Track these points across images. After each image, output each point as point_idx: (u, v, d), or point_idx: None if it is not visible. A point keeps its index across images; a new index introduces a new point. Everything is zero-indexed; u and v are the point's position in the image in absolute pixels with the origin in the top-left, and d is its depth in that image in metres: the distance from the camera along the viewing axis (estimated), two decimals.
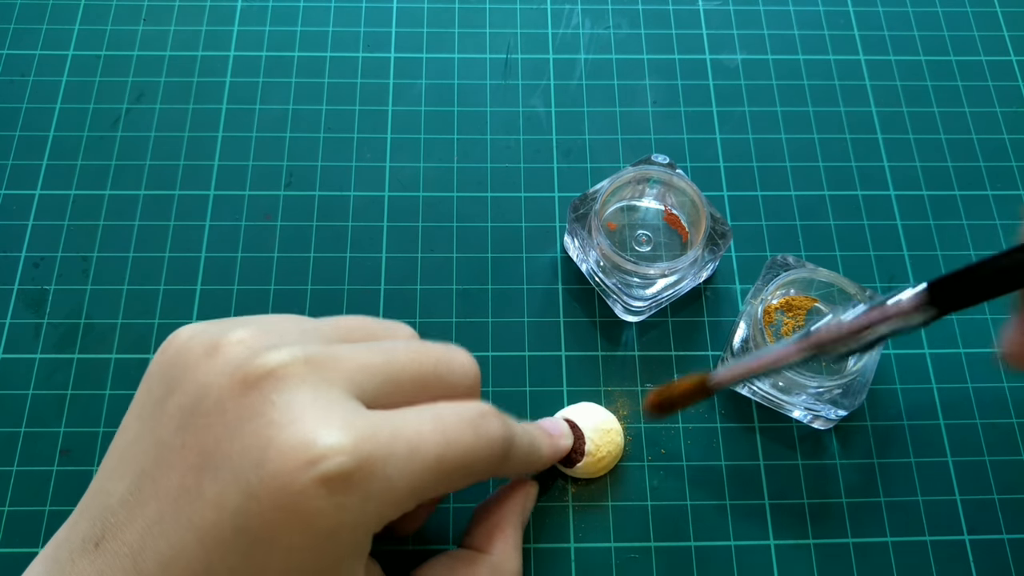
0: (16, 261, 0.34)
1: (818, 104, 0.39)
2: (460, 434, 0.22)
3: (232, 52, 0.39)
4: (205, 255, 0.34)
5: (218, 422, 0.20)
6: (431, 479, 0.21)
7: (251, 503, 0.19)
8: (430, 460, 0.21)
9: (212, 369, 0.21)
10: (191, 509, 0.20)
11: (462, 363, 0.24)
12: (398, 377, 0.22)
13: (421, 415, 0.22)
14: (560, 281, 0.34)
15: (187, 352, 0.22)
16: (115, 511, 0.21)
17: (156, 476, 0.21)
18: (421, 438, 0.21)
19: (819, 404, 0.30)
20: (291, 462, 0.19)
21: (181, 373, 0.22)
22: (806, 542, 0.30)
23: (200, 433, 0.20)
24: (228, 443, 0.20)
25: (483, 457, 0.22)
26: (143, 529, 0.20)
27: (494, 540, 0.26)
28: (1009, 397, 0.33)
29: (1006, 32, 0.41)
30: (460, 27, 0.40)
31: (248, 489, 0.19)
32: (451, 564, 0.25)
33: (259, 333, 0.22)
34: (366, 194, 0.36)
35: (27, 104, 0.38)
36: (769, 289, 0.31)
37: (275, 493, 0.19)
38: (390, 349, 0.23)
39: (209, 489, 0.20)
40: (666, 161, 0.33)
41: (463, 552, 0.26)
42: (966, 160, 0.37)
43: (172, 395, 0.21)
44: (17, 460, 0.31)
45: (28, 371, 0.32)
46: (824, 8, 0.41)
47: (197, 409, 0.21)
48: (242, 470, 0.19)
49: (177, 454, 0.20)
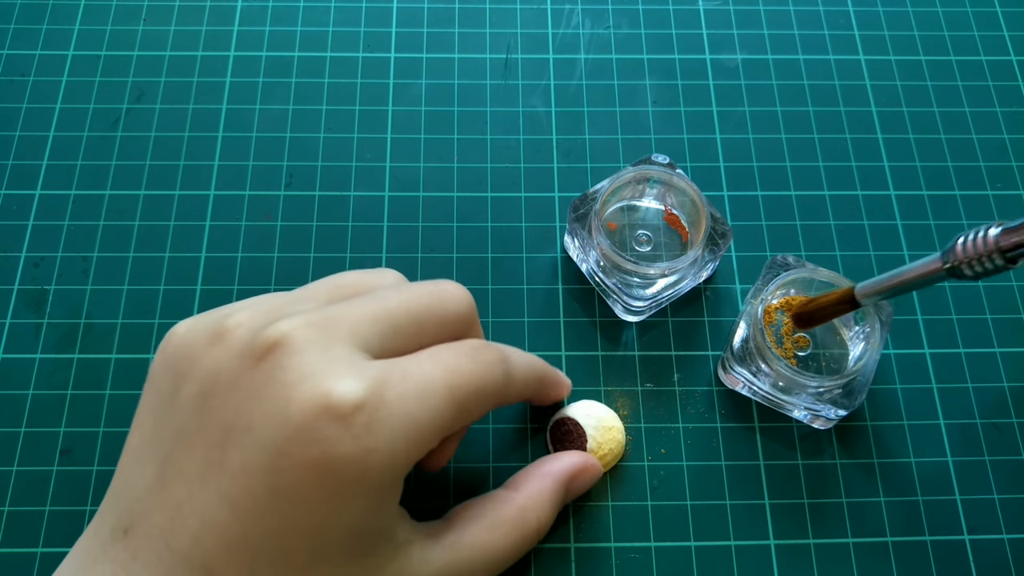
0: (16, 261, 0.34)
1: (818, 104, 0.39)
2: (461, 364, 0.23)
3: (232, 52, 0.39)
4: (205, 255, 0.34)
5: (234, 397, 0.21)
6: (449, 410, 0.22)
7: (280, 461, 0.20)
8: (442, 392, 0.22)
9: (220, 355, 0.22)
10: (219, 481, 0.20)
11: (453, 294, 0.25)
12: (395, 321, 0.23)
13: (421, 357, 0.23)
14: (560, 281, 0.34)
15: (190, 344, 0.22)
16: (141, 499, 0.21)
17: (179, 459, 0.21)
18: (429, 375, 0.22)
19: (819, 404, 0.30)
20: (312, 413, 0.20)
21: (187, 365, 0.22)
22: (806, 542, 0.30)
23: (218, 411, 0.21)
24: (248, 413, 0.20)
25: (488, 380, 0.24)
26: (172, 509, 0.20)
27: (529, 484, 0.27)
28: (1009, 397, 0.33)
29: (1006, 32, 0.41)
30: (460, 27, 0.40)
31: (275, 448, 0.20)
32: (482, 502, 0.26)
33: (256, 313, 0.23)
34: (366, 194, 0.36)
35: (27, 104, 0.38)
36: (769, 289, 0.31)
37: (302, 446, 0.20)
38: (383, 297, 0.23)
39: (235, 458, 0.20)
40: (666, 161, 0.33)
41: (499, 492, 0.27)
42: (966, 160, 0.37)
43: (182, 386, 0.22)
44: (17, 460, 0.31)
45: (28, 371, 0.32)
46: (824, 8, 0.41)
47: (211, 392, 0.21)
48: (266, 433, 0.20)
49: (197, 436, 0.21)
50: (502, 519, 0.26)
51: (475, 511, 0.26)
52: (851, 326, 0.32)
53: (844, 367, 0.31)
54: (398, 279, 0.26)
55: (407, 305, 0.23)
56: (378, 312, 0.23)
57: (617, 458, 0.30)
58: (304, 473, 0.20)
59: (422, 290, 0.24)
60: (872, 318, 0.30)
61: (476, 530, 0.25)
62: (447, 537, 0.24)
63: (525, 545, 0.26)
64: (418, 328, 0.23)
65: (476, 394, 0.23)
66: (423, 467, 0.27)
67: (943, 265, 0.25)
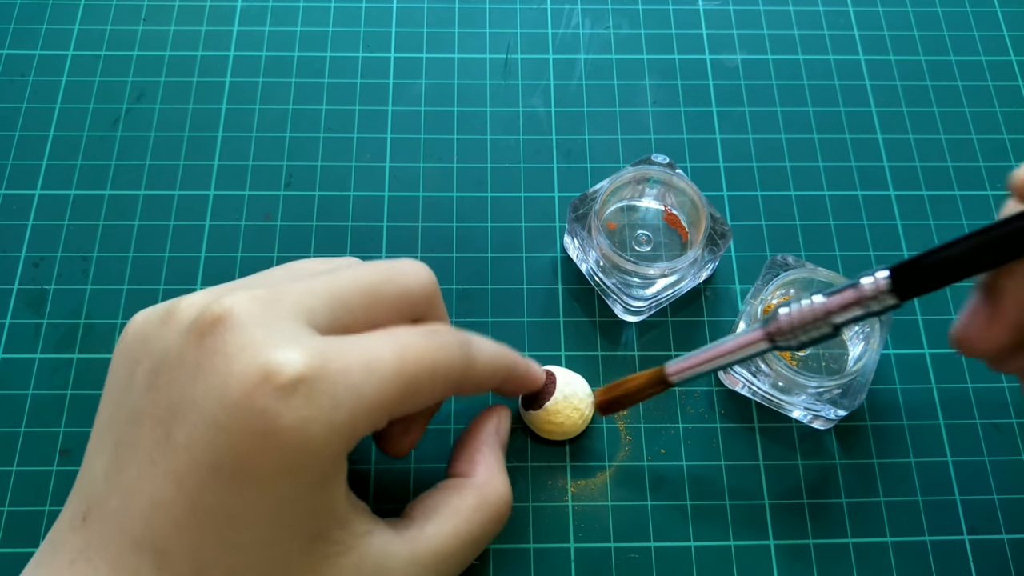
0: (16, 261, 0.34)
1: (818, 104, 0.39)
2: (414, 342, 0.23)
3: (232, 52, 0.39)
4: (205, 255, 0.34)
5: (180, 374, 0.21)
6: (396, 386, 0.22)
7: (220, 435, 0.20)
8: (391, 366, 0.22)
9: (169, 332, 0.22)
10: (165, 459, 0.20)
11: (410, 270, 0.25)
12: (344, 296, 0.23)
13: (374, 335, 0.22)
14: (560, 281, 0.34)
15: (144, 328, 0.23)
16: (98, 484, 0.21)
17: (132, 440, 0.21)
18: (376, 350, 0.22)
19: (819, 404, 0.30)
20: (249, 384, 0.19)
21: (141, 346, 0.22)
22: (806, 542, 0.30)
23: (166, 389, 0.21)
24: (191, 388, 0.20)
25: (442, 360, 0.23)
26: (125, 492, 0.20)
27: (475, 463, 0.27)
28: (1009, 397, 0.33)
29: (1006, 32, 0.41)
30: (460, 27, 0.40)
31: (215, 423, 0.20)
32: (439, 495, 0.26)
33: (208, 294, 0.23)
34: (366, 194, 0.36)
35: (27, 104, 0.38)
36: (769, 289, 0.31)
37: (240, 419, 0.19)
38: (333, 273, 0.23)
39: (178, 435, 0.20)
40: (666, 161, 0.33)
41: (450, 481, 0.27)
42: (966, 160, 0.37)
43: (138, 367, 0.22)
44: (17, 460, 0.31)
45: (28, 371, 0.32)
46: (824, 8, 0.41)
47: (160, 370, 0.21)
48: (207, 407, 0.20)
49: (148, 414, 0.21)
50: (464, 506, 0.25)
51: (434, 503, 0.25)
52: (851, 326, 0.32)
53: (844, 367, 0.31)
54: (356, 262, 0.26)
55: (357, 281, 0.23)
56: (327, 287, 0.23)
57: (572, 431, 0.30)
58: (245, 446, 0.19)
59: (375, 267, 0.24)
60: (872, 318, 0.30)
61: (440, 523, 0.24)
62: (409, 531, 0.24)
63: (494, 526, 0.26)
64: (370, 304, 0.23)
65: (429, 373, 0.22)
66: (388, 452, 0.27)
67: (765, 335, 0.24)
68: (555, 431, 0.30)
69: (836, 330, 0.23)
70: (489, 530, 0.26)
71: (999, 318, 0.22)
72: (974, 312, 0.23)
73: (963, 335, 0.23)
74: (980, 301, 0.23)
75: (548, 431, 0.30)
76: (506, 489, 0.27)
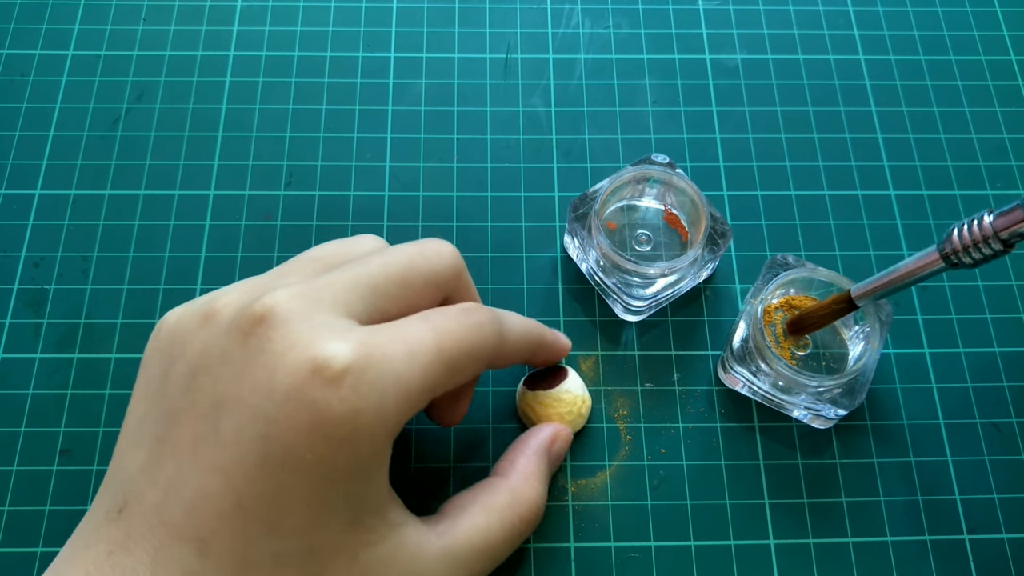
0: (16, 261, 0.34)
1: (818, 104, 0.39)
2: (450, 325, 0.23)
3: (232, 52, 0.39)
4: (205, 255, 0.34)
5: (224, 372, 0.21)
6: (438, 369, 0.22)
7: (270, 428, 0.20)
8: (431, 352, 0.22)
9: (210, 334, 0.22)
10: (211, 453, 0.20)
11: (437, 251, 0.25)
12: (377, 284, 0.23)
13: (410, 320, 0.23)
14: (560, 281, 0.34)
15: (181, 328, 0.23)
16: (135, 479, 0.21)
17: (171, 437, 0.21)
18: (417, 336, 0.22)
19: (819, 403, 0.30)
20: (299, 378, 0.20)
21: (180, 347, 0.22)
22: (806, 542, 0.30)
23: (208, 387, 0.21)
24: (237, 385, 0.21)
25: (478, 340, 0.24)
26: (164, 485, 0.21)
27: (515, 465, 0.28)
28: (1009, 397, 0.33)
29: (1006, 32, 0.41)
30: (460, 27, 0.40)
31: (265, 416, 0.20)
32: (473, 493, 0.26)
33: (243, 292, 0.23)
34: (366, 194, 0.36)
35: (27, 104, 0.37)
36: (769, 289, 0.31)
37: (291, 411, 0.20)
38: (364, 263, 0.24)
39: (226, 429, 0.20)
40: (666, 161, 0.33)
41: (485, 480, 0.27)
42: (966, 160, 0.37)
43: (174, 367, 0.22)
44: (17, 460, 0.31)
45: (28, 371, 0.32)
46: (824, 8, 0.41)
47: (202, 369, 0.21)
48: (256, 402, 0.20)
49: (188, 412, 0.21)
50: (496, 503, 0.26)
51: (467, 499, 0.26)
52: (851, 326, 0.32)
53: (844, 367, 0.31)
54: (378, 243, 0.26)
55: (388, 268, 0.24)
56: (360, 277, 0.23)
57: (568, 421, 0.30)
58: (295, 437, 0.20)
59: (403, 251, 0.25)
60: (872, 318, 0.30)
61: (471, 518, 0.25)
62: (441, 525, 0.24)
63: (524, 526, 0.26)
64: (402, 289, 0.24)
65: (466, 354, 0.23)
66: (441, 423, 0.28)
67: (940, 255, 0.25)
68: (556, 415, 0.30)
69: (1007, 247, 0.24)
70: (520, 530, 0.26)
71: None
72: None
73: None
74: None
75: (547, 416, 0.30)
76: (538, 494, 0.27)
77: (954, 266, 0.25)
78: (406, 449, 0.31)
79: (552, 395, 0.30)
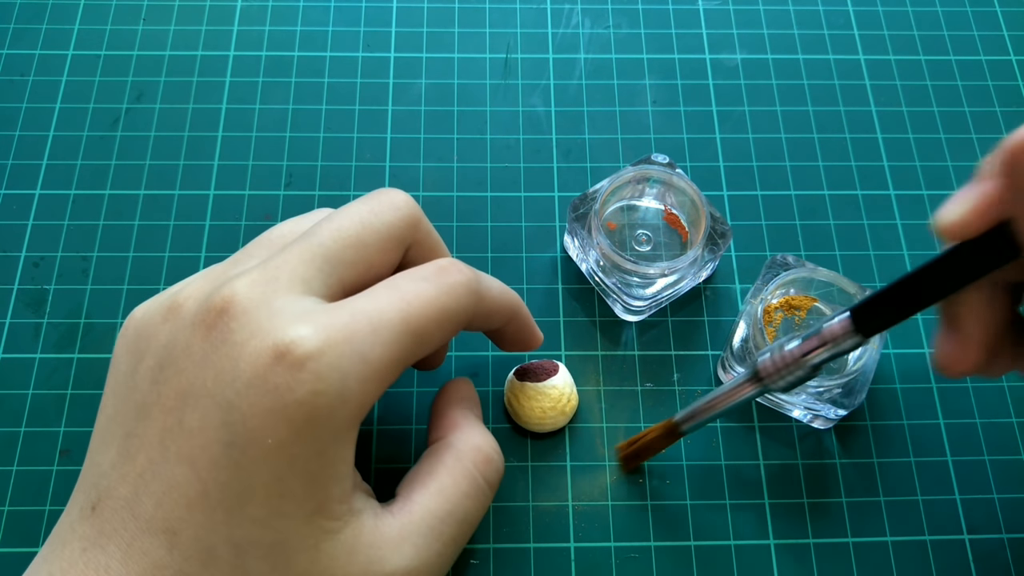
0: (16, 261, 0.34)
1: (818, 104, 0.39)
2: (419, 290, 0.23)
3: (232, 52, 0.39)
4: (205, 255, 0.34)
5: (189, 365, 0.21)
6: (405, 343, 0.22)
7: (233, 415, 0.20)
8: (396, 326, 0.22)
9: (174, 327, 0.22)
10: (177, 444, 0.21)
11: (388, 202, 0.24)
12: (330, 251, 0.23)
13: (376, 290, 0.22)
14: (560, 281, 0.34)
15: (146, 324, 0.23)
16: (107, 475, 0.21)
17: (140, 432, 0.21)
18: (380, 309, 0.22)
19: (819, 404, 0.30)
20: (261, 365, 0.20)
21: (146, 343, 0.22)
22: (806, 542, 0.30)
23: (174, 380, 0.21)
24: (201, 377, 0.21)
25: (449, 304, 0.23)
26: (135, 479, 0.21)
27: (444, 423, 0.27)
28: (1009, 397, 0.33)
29: (1006, 32, 0.41)
30: (460, 27, 0.40)
31: (228, 403, 0.20)
32: (420, 465, 0.26)
33: (204, 282, 0.23)
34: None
35: (27, 104, 0.37)
36: (769, 289, 0.31)
37: (252, 397, 0.20)
38: (314, 232, 0.23)
39: (191, 420, 0.20)
40: (666, 161, 0.33)
41: (428, 449, 0.26)
42: (966, 160, 0.37)
43: (142, 362, 0.22)
44: (17, 460, 0.31)
45: (28, 371, 0.32)
46: (824, 8, 0.41)
47: (167, 362, 0.21)
48: (219, 391, 0.20)
49: (156, 406, 0.21)
50: (444, 463, 0.25)
51: (415, 473, 0.25)
52: None
53: (844, 367, 0.31)
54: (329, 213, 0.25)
55: (339, 232, 0.23)
56: (313, 248, 0.23)
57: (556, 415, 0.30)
58: (256, 423, 0.20)
59: (352, 211, 0.24)
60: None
61: (423, 487, 0.24)
62: (396, 504, 0.24)
63: (481, 474, 0.25)
64: (359, 251, 0.23)
65: (436, 322, 0.23)
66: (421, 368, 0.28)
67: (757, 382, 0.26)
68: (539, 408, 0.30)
69: (814, 371, 0.25)
70: (478, 481, 0.25)
71: (966, 342, 0.23)
72: (944, 339, 0.24)
73: (942, 363, 0.24)
74: (946, 328, 0.24)
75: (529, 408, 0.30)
76: (481, 438, 0.26)
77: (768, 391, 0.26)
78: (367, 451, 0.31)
79: (538, 388, 0.30)
